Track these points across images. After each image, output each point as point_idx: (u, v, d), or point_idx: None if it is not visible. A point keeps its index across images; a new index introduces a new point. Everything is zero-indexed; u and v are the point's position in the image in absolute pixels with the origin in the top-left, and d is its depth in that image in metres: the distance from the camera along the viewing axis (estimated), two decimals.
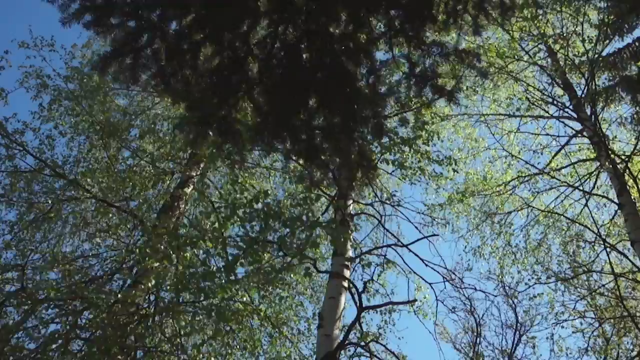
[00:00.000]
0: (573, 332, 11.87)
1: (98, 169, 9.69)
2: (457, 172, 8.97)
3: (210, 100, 3.83)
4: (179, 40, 3.61)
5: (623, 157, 11.92)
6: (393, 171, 9.35)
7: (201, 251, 7.27)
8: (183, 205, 10.21)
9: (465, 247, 14.24)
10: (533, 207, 13.28)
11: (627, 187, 11.40)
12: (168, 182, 10.31)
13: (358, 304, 7.58)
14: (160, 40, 3.58)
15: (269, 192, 8.05)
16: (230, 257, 6.41)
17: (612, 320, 12.09)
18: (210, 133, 3.98)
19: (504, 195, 14.18)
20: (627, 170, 11.27)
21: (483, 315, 16.92)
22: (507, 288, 12.64)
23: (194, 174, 10.63)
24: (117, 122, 10.18)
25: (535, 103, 13.94)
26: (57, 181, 9.64)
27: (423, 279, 9.24)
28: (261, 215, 6.01)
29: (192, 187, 10.59)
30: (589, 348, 11.65)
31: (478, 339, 16.62)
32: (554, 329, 11.99)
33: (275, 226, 6.16)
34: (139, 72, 3.67)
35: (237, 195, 7.85)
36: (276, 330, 8.98)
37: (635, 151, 11.75)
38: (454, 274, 9.31)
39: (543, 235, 13.61)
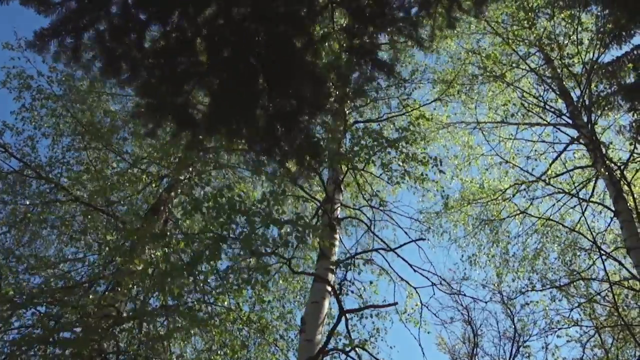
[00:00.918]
0: (567, 341, 11.64)
1: (82, 172, 9.57)
2: (444, 173, 8.79)
3: (165, 86, 3.72)
4: (124, 20, 3.51)
5: (619, 164, 11.76)
6: (381, 174, 9.20)
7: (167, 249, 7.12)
8: (170, 209, 10.10)
9: (462, 256, 14.08)
10: (529, 214, 13.11)
11: (624, 195, 11.21)
12: (154, 185, 10.18)
13: (339, 308, 7.38)
14: (104, 20, 3.48)
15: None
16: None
17: (608, 329, 11.87)
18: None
19: (501, 203, 14.03)
20: (623, 178, 11.08)
21: (481, 325, 16.72)
22: (505, 298, 12.42)
23: (183, 178, 10.54)
24: (101, 124, 10.05)
25: (532, 110, 13.85)
26: (42, 184, 9.55)
27: (408, 283, 9.03)
28: (226, 209, 5.86)
29: (180, 190, 10.49)
30: (584, 358, 11.42)
31: (475, 349, 16.40)
32: (546, 337, 11.76)
33: (240, 222, 6.00)
34: (82, 52, 3.57)
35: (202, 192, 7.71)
36: (258, 335, 8.79)
37: (632, 158, 11.60)
38: (443, 279, 9.11)
39: (539, 243, 13.44)
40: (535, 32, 13.41)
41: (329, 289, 8.09)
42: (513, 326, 13.96)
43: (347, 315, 8.97)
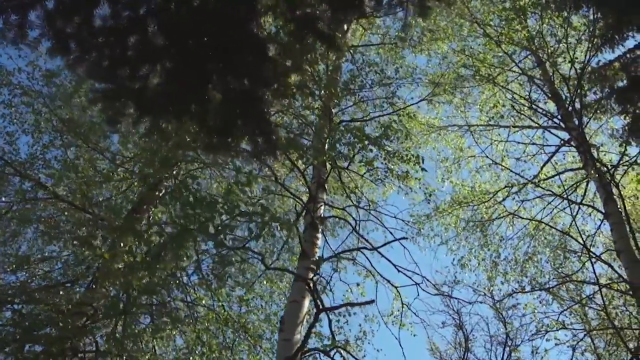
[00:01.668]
0: (556, 344, 11.50)
1: (62, 170, 9.41)
2: (426, 171, 8.68)
3: (121, 70, 3.61)
4: None
5: (609, 166, 11.70)
6: (364, 173, 9.09)
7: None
8: (153, 208, 9.98)
9: (453, 259, 13.96)
10: (518, 216, 13.01)
11: (614, 197, 11.13)
12: (137, 185, 10.04)
13: (315, 306, 7.23)
14: None
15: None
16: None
17: (598, 333, 11.74)
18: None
19: (491, 206, 13.92)
20: (612, 180, 11.00)
21: (472, 330, 16.54)
22: (494, 300, 12.25)
23: (167, 177, 10.40)
24: (83, 121, 9.86)
25: (522, 112, 13.79)
26: (22, 182, 9.42)
27: (389, 282, 8.88)
28: (189, 201, 5.73)
29: (163, 190, 10.37)
30: None
31: (466, 354, 16.24)
32: (532, 341, 11.63)
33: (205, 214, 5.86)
34: (27, 29, 3.46)
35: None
36: (239, 334, 8.63)
37: (622, 161, 11.53)
38: (426, 279, 8.96)
39: (530, 246, 13.33)
40: (526, 34, 13.36)
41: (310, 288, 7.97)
42: (504, 329, 13.82)
43: (329, 315, 8.89)
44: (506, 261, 12.84)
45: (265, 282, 10.51)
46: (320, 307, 7.21)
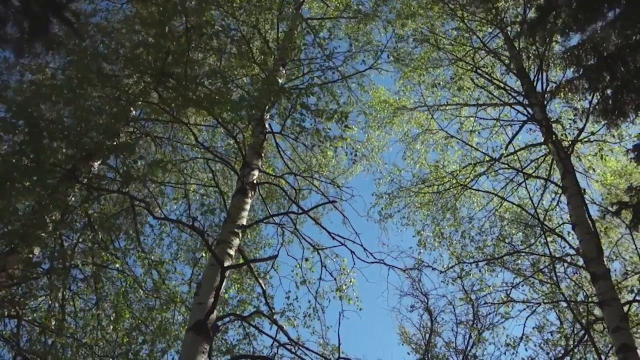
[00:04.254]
0: (506, 319, 11.27)
1: None
2: (350, 128, 8.35)
3: None
4: None
5: (568, 140, 11.55)
6: (296, 138, 8.74)
7: None
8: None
9: (419, 240, 13.71)
10: (473, 189, 12.77)
11: (571, 171, 10.97)
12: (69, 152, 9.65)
13: (219, 265, 6.91)
14: None
15: None
16: None
17: (549, 306, 11.51)
18: None
19: (457, 186, 13.65)
20: (569, 154, 10.82)
21: (438, 314, 16.31)
22: (442, 274, 11.93)
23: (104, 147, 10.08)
24: None
25: (486, 88, 13.60)
26: None
27: (311, 244, 8.55)
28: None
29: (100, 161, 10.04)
30: (523, 336, 11.03)
31: (432, 336, 16.04)
32: (481, 316, 11.40)
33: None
34: None
35: None
36: (154, 298, 8.31)
37: (581, 137, 11.37)
38: (364, 248, 8.61)
39: (489, 220, 13.06)
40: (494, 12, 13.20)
41: (232, 252, 7.69)
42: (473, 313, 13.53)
43: (263, 285, 8.61)
44: (458, 233, 12.57)
45: (203, 254, 10.17)
46: (223, 266, 6.84)
